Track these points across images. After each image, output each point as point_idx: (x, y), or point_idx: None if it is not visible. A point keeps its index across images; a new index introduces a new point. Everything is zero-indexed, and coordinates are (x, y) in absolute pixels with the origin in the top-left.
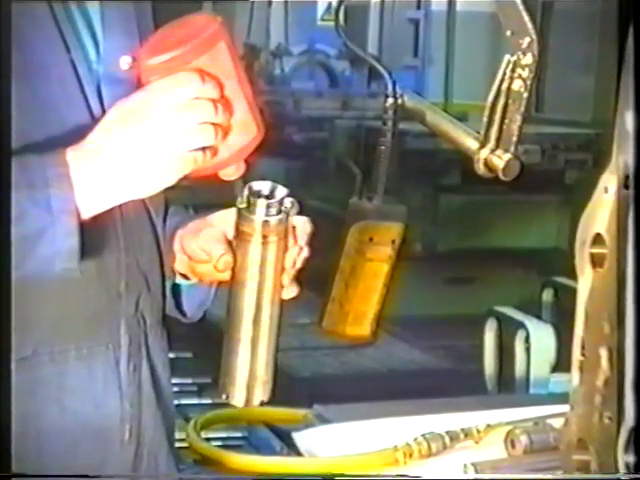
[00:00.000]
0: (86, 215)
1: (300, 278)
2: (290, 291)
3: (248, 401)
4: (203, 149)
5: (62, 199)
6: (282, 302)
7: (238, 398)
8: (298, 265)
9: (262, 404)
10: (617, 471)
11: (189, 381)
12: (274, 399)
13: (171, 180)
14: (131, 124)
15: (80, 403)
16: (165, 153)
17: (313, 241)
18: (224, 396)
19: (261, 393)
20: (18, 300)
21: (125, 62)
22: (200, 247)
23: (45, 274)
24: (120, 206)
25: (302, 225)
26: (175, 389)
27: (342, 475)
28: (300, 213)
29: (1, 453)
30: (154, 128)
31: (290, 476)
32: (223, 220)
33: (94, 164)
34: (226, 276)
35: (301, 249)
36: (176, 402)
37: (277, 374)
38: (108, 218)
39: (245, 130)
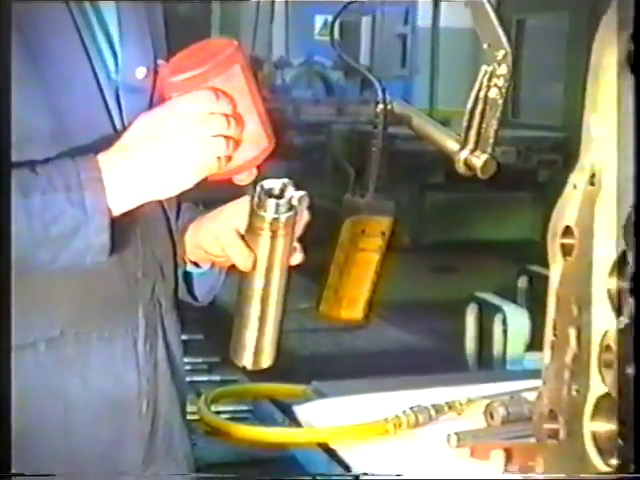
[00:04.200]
0: (116, 213)
1: (300, 265)
2: (298, 257)
3: (255, 363)
4: (217, 157)
5: (95, 200)
6: (288, 284)
7: (247, 360)
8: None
9: (270, 380)
10: (582, 439)
11: (200, 360)
12: (276, 375)
13: (188, 184)
14: (154, 134)
15: (102, 379)
16: (183, 160)
17: (311, 226)
18: (235, 360)
19: (267, 358)
20: (46, 286)
21: (141, 72)
22: (220, 247)
23: (77, 266)
24: None
25: (304, 200)
26: (187, 367)
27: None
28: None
29: (1, 453)
30: (174, 138)
31: (291, 445)
32: (234, 213)
33: (122, 169)
34: (246, 267)
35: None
36: (188, 379)
37: (280, 345)
38: (128, 214)
39: (257, 141)
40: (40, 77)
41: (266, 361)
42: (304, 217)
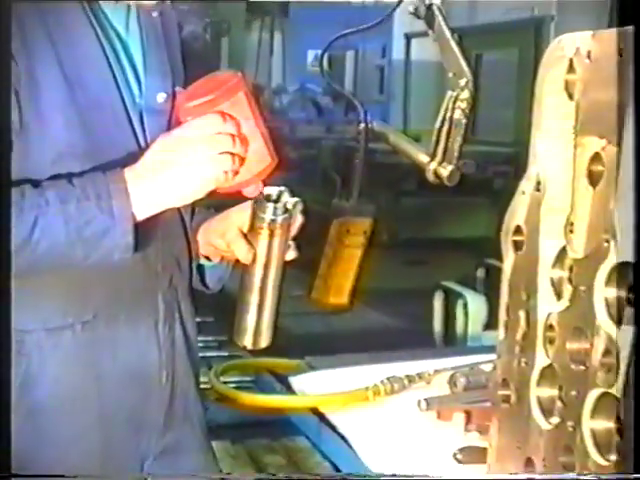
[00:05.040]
0: (139, 218)
1: (294, 259)
2: (292, 254)
3: (255, 343)
4: (225, 172)
5: (121, 207)
6: (283, 276)
7: (247, 341)
8: (295, 232)
9: (268, 354)
10: (529, 402)
11: (211, 338)
12: (275, 351)
13: (200, 194)
14: (171, 152)
15: (128, 355)
16: (196, 174)
17: (304, 228)
18: (237, 341)
19: (265, 340)
20: (82, 278)
21: (161, 97)
22: (226, 244)
23: (107, 262)
24: None
25: (298, 205)
26: (200, 344)
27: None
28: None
29: (1, 453)
30: (188, 155)
31: (287, 409)
32: (239, 215)
33: (145, 181)
34: (247, 260)
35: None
36: (201, 354)
37: (277, 329)
38: (150, 217)
39: (261, 158)
40: (75, 102)
41: (264, 342)
42: (298, 220)
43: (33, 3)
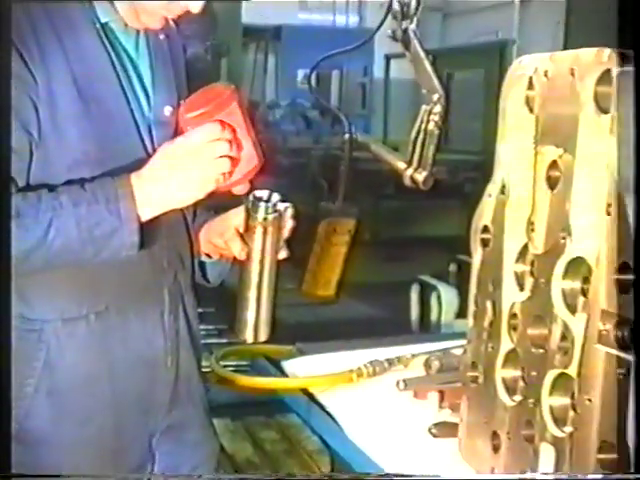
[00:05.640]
0: (144, 219)
1: (290, 249)
2: (284, 253)
3: (255, 338)
4: (222, 173)
5: (128, 209)
6: (278, 272)
7: (248, 336)
8: (287, 234)
9: (263, 342)
10: (495, 382)
11: (212, 327)
12: (269, 339)
13: (200, 195)
14: (175, 158)
15: (137, 342)
16: (196, 177)
17: (295, 229)
18: (239, 336)
19: (263, 334)
20: (95, 273)
21: (168, 110)
22: (224, 242)
23: (115, 259)
24: None
25: (289, 210)
26: (202, 332)
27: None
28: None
29: (1, 453)
30: (190, 161)
31: (280, 390)
32: (235, 216)
33: (150, 185)
34: (242, 257)
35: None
36: (203, 341)
37: (275, 322)
38: (156, 218)
39: (250, 161)
40: (89, 116)
41: (263, 335)
42: (289, 223)
43: (50, 24)
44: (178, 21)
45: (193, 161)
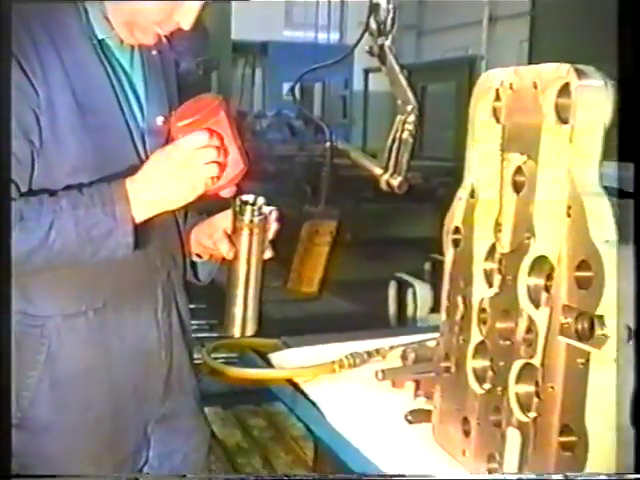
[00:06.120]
0: (138, 220)
1: (275, 249)
2: (269, 254)
3: (242, 333)
4: (211, 178)
5: (123, 211)
6: (264, 271)
7: (236, 331)
8: (272, 236)
9: (251, 336)
10: (466, 372)
11: (204, 322)
12: (257, 333)
13: (190, 198)
14: (166, 164)
15: (132, 336)
16: (186, 181)
17: (280, 229)
18: (227, 331)
19: (251, 329)
20: (93, 272)
21: (160, 120)
22: (213, 243)
23: (111, 258)
24: None
25: (274, 213)
26: (194, 327)
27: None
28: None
29: (1, 453)
30: (180, 166)
31: (267, 380)
32: (223, 219)
33: (143, 189)
34: (229, 256)
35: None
36: (195, 335)
37: (262, 318)
38: (150, 221)
39: (236, 165)
40: (86, 125)
41: (250, 330)
42: (274, 226)
43: (51, 41)
44: (170, 38)
45: (183, 166)
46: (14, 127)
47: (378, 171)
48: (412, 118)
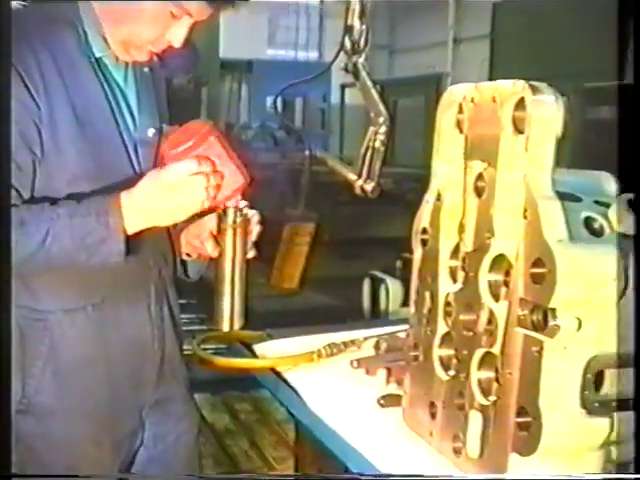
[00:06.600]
0: (130, 232)
1: (258, 249)
2: (252, 253)
3: (230, 327)
4: (202, 201)
5: (116, 222)
6: (248, 269)
7: (225, 326)
8: (255, 237)
9: (239, 329)
10: (433, 361)
11: (194, 316)
12: (243, 326)
13: (182, 219)
14: (158, 186)
15: (128, 329)
16: (178, 205)
17: (263, 231)
18: (217, 325)
19: (237, 323)
20: (92, 272)
21: (151, 132)
22: (200, 242)
23: (104, 264)
24: None
25: (255, 217)
26: (185, 321)
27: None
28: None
29: (1, 453)
30: (171, 190)
31: (252, 369)
32: (210, 221)
33: (137, 204)
34: (214, 255)
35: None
36: (186, 328)
37: (248, 312)
38: None
39: (236, 180)
40: (85, 137)
41: (237, 324)
42: (257, 228)
43: (53, 60)
44: (162, 56)
45: (173, 191)
46: (18, 138)
47: (353, 177)
48: (384, 129)
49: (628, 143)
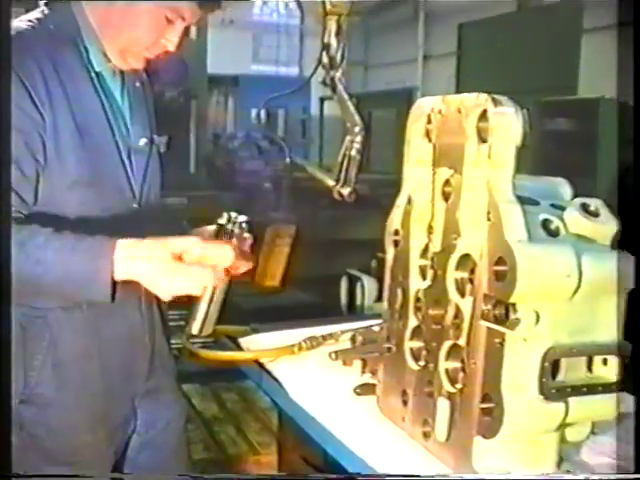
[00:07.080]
0: (118, 279)
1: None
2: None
3: (200, 331)
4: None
5: (105, 268)
6: (230, 281)
7: (194, 329)
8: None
9: (222, 318)
10: (404, 352)
11: (183, 312)
12: (229, 321)
13: (166, 299)
14: (158, 262)
15: (121, 325)
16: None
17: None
18: (188, 328)
19: (207, 330)
20: None
21: (142, 141)
22: None
23: (90, 302)
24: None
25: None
26: (176, 317)
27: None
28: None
29: (1, 453)
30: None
31: (237, 361)
32: (206, 231)
33: (129, 259)
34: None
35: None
36: (173, 324)
37: (220, 320)
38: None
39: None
40: (84, 145)
41: (207, 330)
42: (249, 241)
43: (56, 75)
44: (155, 70)
45: (179, 272)
46: (23, 148)
47: (331, 183)
48: (359, 138)
49: (581, 152)
